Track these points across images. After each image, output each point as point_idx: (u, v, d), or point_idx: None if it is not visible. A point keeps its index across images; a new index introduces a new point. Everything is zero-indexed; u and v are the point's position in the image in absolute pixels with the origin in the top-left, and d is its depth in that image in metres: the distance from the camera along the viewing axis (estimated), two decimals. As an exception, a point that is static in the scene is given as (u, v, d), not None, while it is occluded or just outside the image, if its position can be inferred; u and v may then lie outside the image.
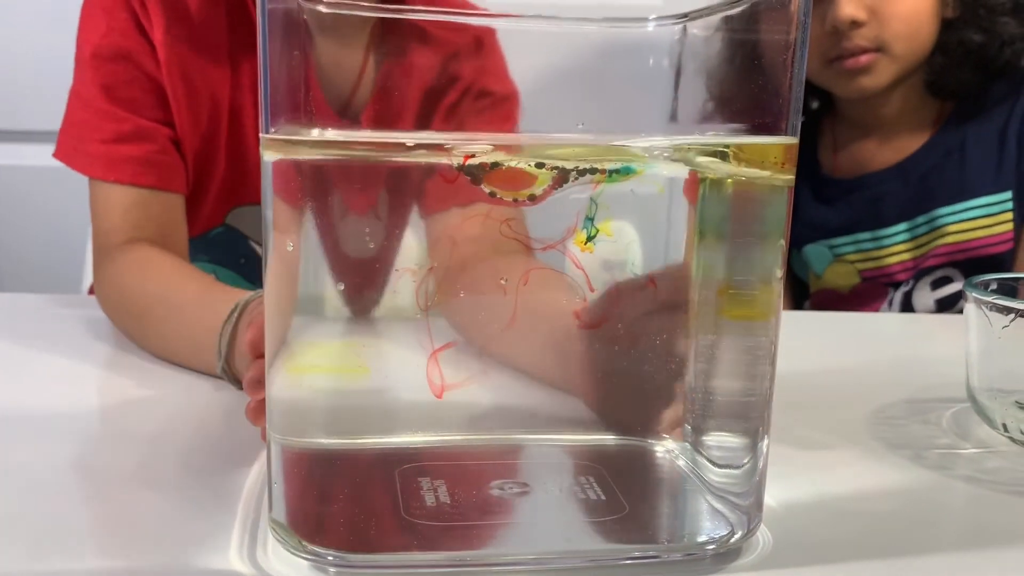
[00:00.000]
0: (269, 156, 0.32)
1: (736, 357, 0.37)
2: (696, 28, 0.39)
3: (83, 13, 0.72)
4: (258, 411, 0.41)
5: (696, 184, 0.37)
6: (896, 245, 1.02)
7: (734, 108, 0.37)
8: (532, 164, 0.34)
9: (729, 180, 0.36)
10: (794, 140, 0.34)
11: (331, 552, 0.32)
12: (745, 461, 0.36)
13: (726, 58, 0.38)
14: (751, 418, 0.36)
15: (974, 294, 0.49)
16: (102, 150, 0.69)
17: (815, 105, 1.11)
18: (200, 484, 0.40)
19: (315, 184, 0.34)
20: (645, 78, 0.40)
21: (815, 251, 1.06)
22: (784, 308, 1.14)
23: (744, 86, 0.36)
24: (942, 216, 1.00)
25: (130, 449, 0.44)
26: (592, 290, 0.37)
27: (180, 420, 0.49)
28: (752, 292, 0.36)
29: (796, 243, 1.07)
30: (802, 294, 1.11)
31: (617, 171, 0.35)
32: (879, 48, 0.97)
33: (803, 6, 0.33)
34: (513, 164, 0.34)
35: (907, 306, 1.02)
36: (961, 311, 0.51)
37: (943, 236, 1.00)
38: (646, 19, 0.39)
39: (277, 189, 0.33)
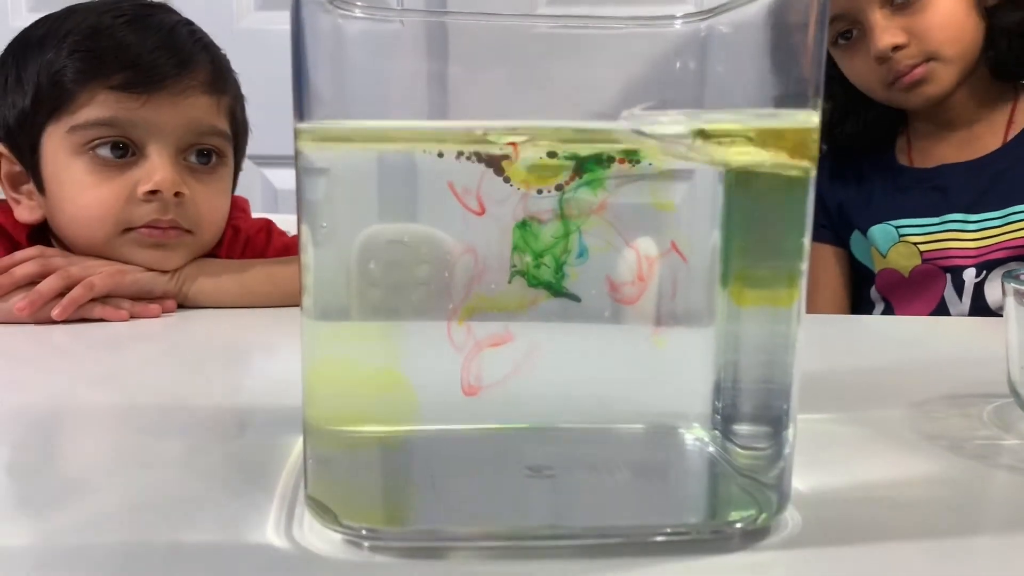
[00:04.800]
0: (304, 147, 0.34)
1: (760, 344, 0.37)
2: (721, 24, 0.39)
3: None
4: None
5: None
6: (961, 232, 1.04)
7: (755, 94, 0.37)
8: (546, 154, 0.35)
9: (750, 168, 0.36)
10: (815, 120, 0.34)
11: (364, 526, 0.33)
12: (772, 445, 0.36)
13: (747, 48, 0.39)
14: (776, 404, 0.36)
15: (1014, 285, 0.48)
16: None
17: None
18: (239, 465, 0.41)
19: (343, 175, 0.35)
20: (670, 77, 0.41)
21: (881, 230, 1.09)
22: (841, 292, 1.17)
23: (766, 75, 0.36)
24: (1014, 212, 1.02)
25: (172, 432, 0.46)
26: (642, 277, 0.37)
27: (222, 405, 0.51)
28: (774, 281, 0.36)
29: (864, 226, 1.10)
30: (862, 280, 1.14)
31: (634, 154, 0.35)
32: (929, 59, 1.00)
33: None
34: (526, 154, 0.34)
35: (979, 296, 1.03)
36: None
37: (1013, 231, 1.01)
38: (673, 17, 0.39)
39: (307, 180, 0.34)
